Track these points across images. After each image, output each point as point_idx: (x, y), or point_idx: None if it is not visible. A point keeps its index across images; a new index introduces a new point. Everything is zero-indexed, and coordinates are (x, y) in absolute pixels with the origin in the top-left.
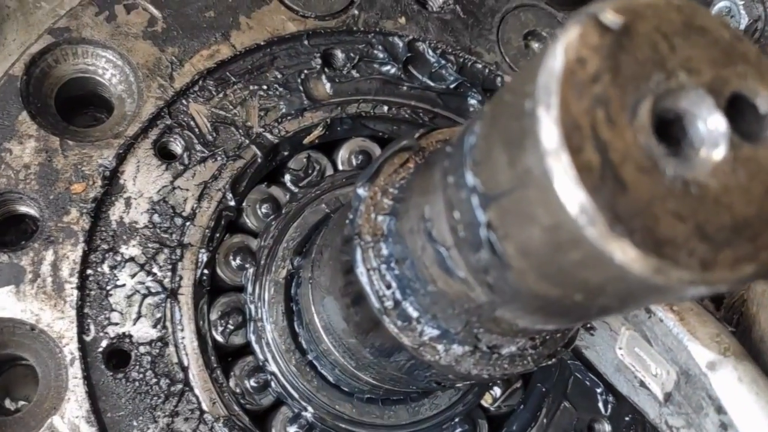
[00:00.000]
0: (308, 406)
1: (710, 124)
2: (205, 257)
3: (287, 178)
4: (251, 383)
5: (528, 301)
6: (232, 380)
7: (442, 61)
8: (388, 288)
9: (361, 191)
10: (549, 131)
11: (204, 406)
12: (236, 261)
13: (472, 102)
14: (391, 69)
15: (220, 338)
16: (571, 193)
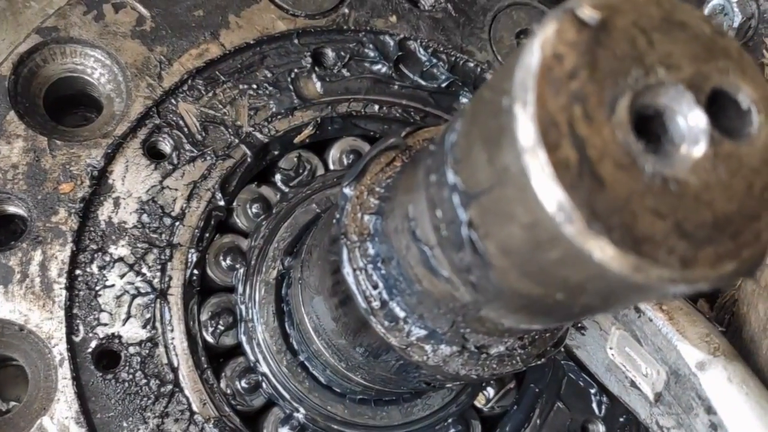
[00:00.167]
0: (300, 407)
1: (690, 120)
2: (194, 257)
3: (278, 177)
4: (242, 384)
5: (511, 300)
6: (223, 381)
7: (434, 60)
8: (374, 288)
9: (348, 190)
10: (525, 128)
11: (194, 407)
12: (226, 261)
13: (464, 101)
14: (382, 68)
15: (210, 339)
16: (548, 190)
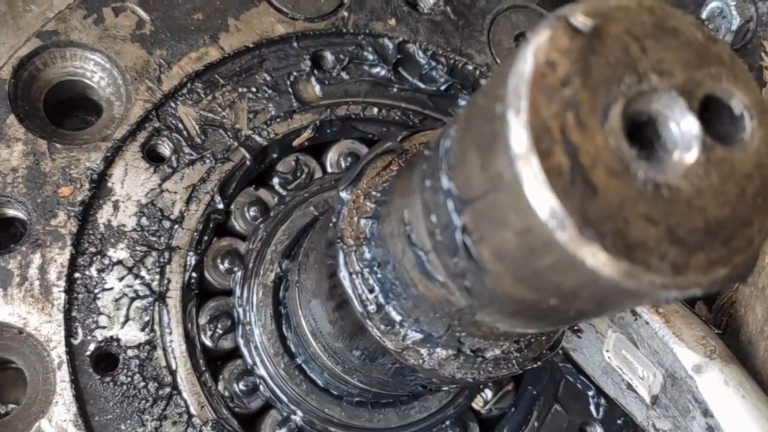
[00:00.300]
0: (297, 410)
1: (683, 127)
2: (193, 260)
3: (275, 180)
4: (240, 387)
5: (505, 304)
6: (221, 384)
7: (433, 63)
8: (371, 292)
9: (344, 194)
10: (518, 135)
11: (192, 410)
12: (224, 264)
13: (463, 104)
14: (381, 71)
15: (208, 342)
16: (540, 197)
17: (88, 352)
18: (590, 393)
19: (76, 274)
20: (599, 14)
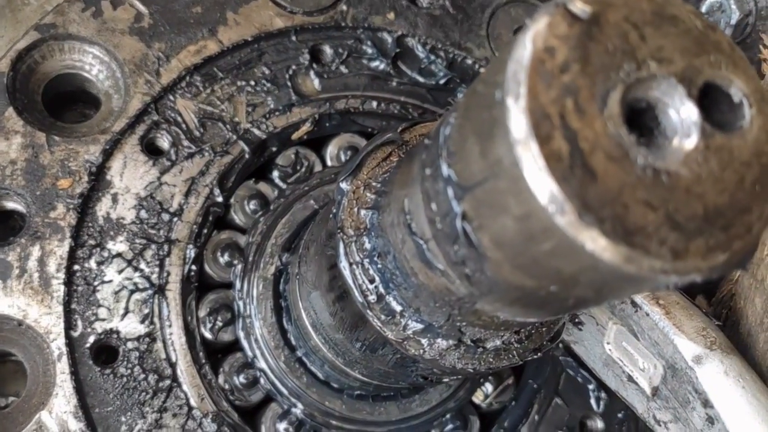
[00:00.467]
0: (298, 403)
1: (682, 113)
2: (192, 253)
3: (275, 174)
4: (240, 380)
5: (505, 292)
6: (221, 377)
7: (432, 57)
8: (371, 282)
9: (344, 185)
10: (517, 120)
11: (192, 402)
12: (224, 257)
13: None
14: (380, 65)
15: (208, 335)
16: (540, 181)
17: (88, 345)
18: (591, 386)
19: (76, 267)
20: (598, 1)
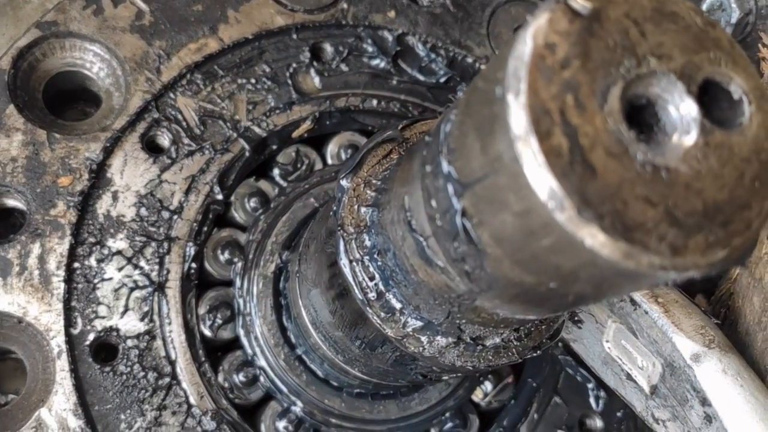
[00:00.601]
0: (297, 401)
1: (682, 110)
2: (192, 251)
3: (276, 172)
4: (240, 378)
5: (505, 289)
6: (221, 374)
7: (432, 55)
8: (371, 279)
9: (345, 182)
10: (518, 117)
11: (192, 400)
12: (224, 255)
13: (461, 95)
14: (380, 63)
15: (208, 332)
16: (540, 177)
17: (88, 342)
18: (590, 385)
19: (76, 264)
20: None
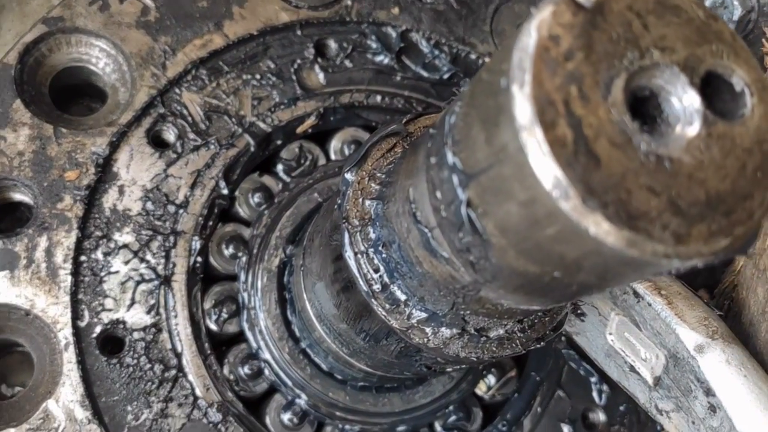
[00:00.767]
0: (302, 394)
1: (685, 101)
2: (198, 245)
3: (280, 167)
4: (245, 370)
5: (509, 279)
6: (226, 367)
7: (436, 52)
8: (376, 271)
9: (349, 176)
10: (523, 107)
11: (197, 392)
12: (229, 250)
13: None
14: (384, 59)
15: (213, 326)
16: (545, 167)
17: (95, 334)
18: (593, 379)
19: (82, 257)
20: None
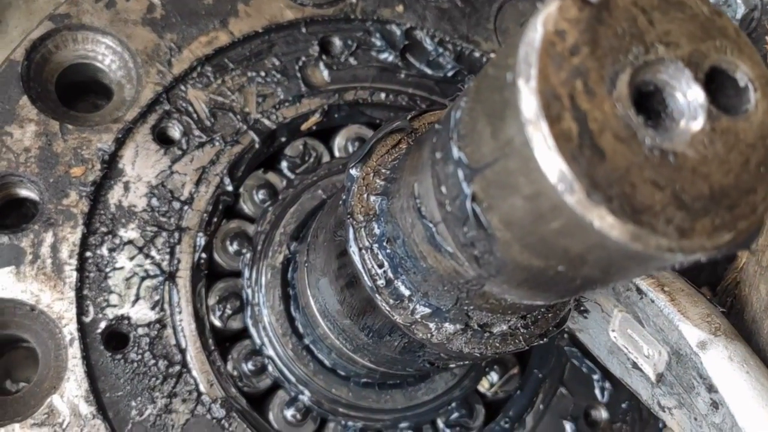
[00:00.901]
0: (305, 390)
1: (689, 96)
2: (202, 241)
3: (284, 164)
4: (248, 366)
5: (513, 273)
6: (230, 363)
7: (440, 50)
8: (380, 267)
9: (354, 172)
10: (528, 101)
11: (201, 388)
12: (233, 246)
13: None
14: (388, 57)
15: (218, 323)
16: (550, 160)
17: (99, 330)
18: (595, 377)
19: (88, 253)
20: None
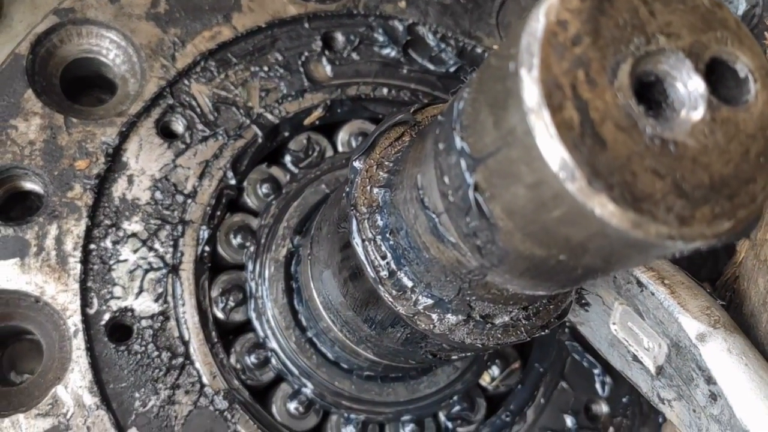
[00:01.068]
0: (308, 383)
1: (690, 87)
2: (206, 234)
3: (287, 158)
4: (251, 359)
5: (515, 262)
6: (233, 356)
7: (442, 45)
8: (383, 258)
9: (357, 164)
10: (530, 90)
11: (204, 380)
12: (237, 239)
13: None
14: (391, 52)
15: (221, 315)
16: (552, 149)
17: (103, 322)
18: (596, 371)
19: (92, 246)
20: None
